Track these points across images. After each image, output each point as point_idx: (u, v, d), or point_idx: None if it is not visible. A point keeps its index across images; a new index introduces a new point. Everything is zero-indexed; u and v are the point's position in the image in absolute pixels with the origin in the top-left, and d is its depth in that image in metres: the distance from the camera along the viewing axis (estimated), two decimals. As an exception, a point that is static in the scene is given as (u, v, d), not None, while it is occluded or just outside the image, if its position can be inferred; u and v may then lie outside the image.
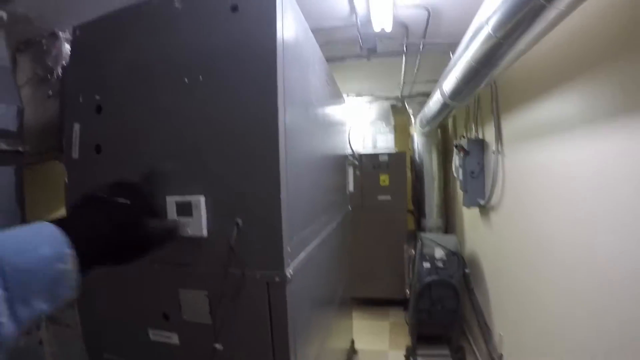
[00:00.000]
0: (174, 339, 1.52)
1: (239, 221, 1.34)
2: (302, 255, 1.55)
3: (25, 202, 2.25)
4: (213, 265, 1.39)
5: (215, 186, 1.38)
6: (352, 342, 3.21)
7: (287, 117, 1.38)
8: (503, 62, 1.97)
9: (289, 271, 1.35)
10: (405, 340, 3.48)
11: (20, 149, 2.28)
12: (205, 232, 1.37)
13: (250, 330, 1.40)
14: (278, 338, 1.38)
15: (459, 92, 2.53)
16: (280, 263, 1.34)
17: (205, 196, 1.38)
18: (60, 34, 2.97)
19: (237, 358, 1.44)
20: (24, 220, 2.18)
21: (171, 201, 1.40)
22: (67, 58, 2.77)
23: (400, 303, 4.05)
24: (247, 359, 1.44)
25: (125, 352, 1.67)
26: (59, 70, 2.72)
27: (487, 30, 1.80)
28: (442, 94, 2.78)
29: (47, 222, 0.57)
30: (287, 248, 1.36)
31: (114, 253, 0.67)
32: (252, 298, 1.37)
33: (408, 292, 3.92)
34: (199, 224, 1.37)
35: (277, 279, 1.33)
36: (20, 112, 2.35)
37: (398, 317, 3.94)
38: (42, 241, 0.54)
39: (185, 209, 1.38)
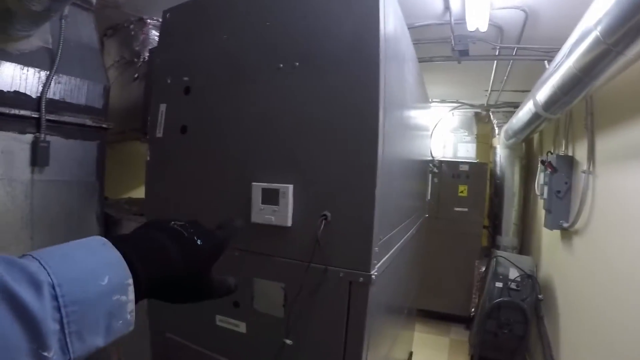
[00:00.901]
0: (242, 327, 1.51)
1: (328, 215, 1.30)
2: (386, 257, 1.48)
3: (105, 178, 2.36)
4: (294, 258, 1.35)
5: (305, 177, 1.35)
6: (411, 354, 3.11)
7: (386, 113, 1.33)
8: (608, 71, 1.81)
9: (374, 273, 1.29)
10: (464, 359, 3.33)
11: (104, 125, 2.39)
12: (290, 222, 1.34)
13: (324, 329, 1.35)
14: (352, 341, 1.33)
15: (554, 102, 2.36)
16: (367, 263, 1.28)
17: (294, 185, 1.35)
18: (148, 20, 3.12)
19: (304, 356, 1.40)
20: (102, 194, 2.28)
21: (257, 187, 1.39)
22: (154, 43, 2.90)
23: (463, 321, 3.89)
24: (315, 358, 1.39)
25: (187, 334, 1.69)
26: (146, 55, 2.84)
27: (596, 34, 1.66)
28: (535, 103, 2.62)
29: (105, 241, 0.49)
30: (375, 248, 1.31)
31: (171, 289, 0.58)
32: (332, 296, 1.32)
33: (473, 311, 3.74)
34: (285, 213, 1.34)
35: (361, 280, 1.28)
36: (107, 91, 2.47)
37: (459, 335, 3.79)
38: (104, 269, 0.46)
39: (271, 197, 1.36)
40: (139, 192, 2.68)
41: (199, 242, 0.59)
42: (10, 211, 1.60)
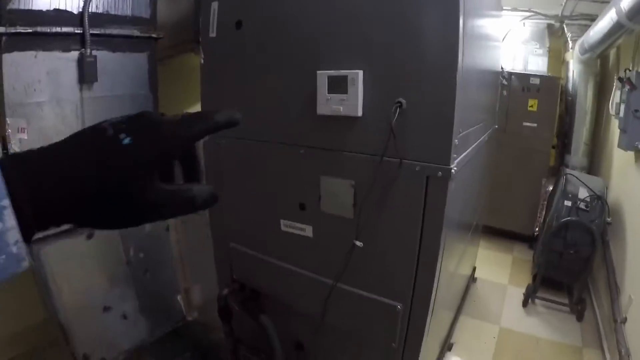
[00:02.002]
0: (308, 231, 1.45)
1: (402, 102, 1.16)
2: (464, 155, 1.35)
3: (159, 94, 2.29)
4: (365, 152, 1.25)
5: (377, 62, 1.21)
6: (474, 269, 3.07)
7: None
8: None
9: (454, 167, 1.16)
10: (526, 278, 3.26)
11: (153, 35, 2.29)
12: (360, 112, 1.22)
13: (397, 230, 1.27)
14: (428, 241, 1.24)
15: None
16: (446, 156, 1.16)
17: (363, 71, 1.21)
18: None
19: (376, 258, 1.34)
20: (156, 107, 2.22)
21: (323, 76, 1.26)
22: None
23: (526, 239, 3.78)
24: (388, 260, 1.32)
25: (251, 242, 1.67)
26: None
27: None
28: (618, 11, 2.30)
29: None
30: (455, 141, 1.17)
31: (90, 209, 0.40)
32: (406, 192, 1.22)
33: (537, 230, 3.60)
34: (354, 102, 1.22)
35: (439, 174, 1.16)
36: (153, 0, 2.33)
37: (522, 253, 3.70)
38: None
39: (338, 85, 1.23)
40: (197, 109, 2.63)
41: (125, 140, 0.40)
42: (61, 133, 1.56)
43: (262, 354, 1.83)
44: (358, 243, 1.31)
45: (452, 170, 1.16)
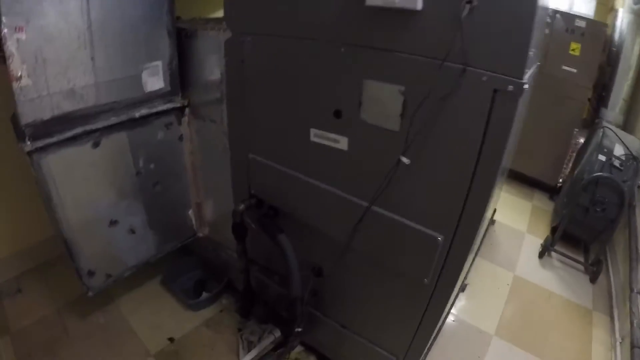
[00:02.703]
0: (342, 143, 1.31)
1: (475, -5, 0.97)
2: (530, 73, 1.18)
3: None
4: (422, 53, 1.07)
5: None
6: (494, 211, 2.98)
7: None
8: None
9: (525, 82, 0.99)
10: (544, 228, 3.19)
11: None
12: (420, 4, 1.03)
13: (451, 148, 1.12)
14: (484, 166, 1.10)
15: None
16: (519, 68, 0.98)
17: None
18: None
19: (421, 179, 1.20)
20: (172, 5, 1.98)
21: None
22: None
23: (548, 190, 3.66)
24: (435, 184, 1.19)
25: (274, 154, 1.54)
26: None
27: None
28: None
29: None
30: (530, 52, 0.99)
31: None
32: (467, 106, 1.06)
33: (561, 182, 3.47)
34: (415, -10, 1.03)
35: (510, 88, 0.99)
36: None
37: (542, 203, 3.60)
38: None
39: (398, -31, 1.04)
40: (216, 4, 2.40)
41: None
42: (64, 31, 1.37)
43: (276, 276, 1.75)
44: (405, 160, 1.16)
45: (525, 86, 0.99)
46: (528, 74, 1.06)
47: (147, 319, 2.05)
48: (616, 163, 2.63)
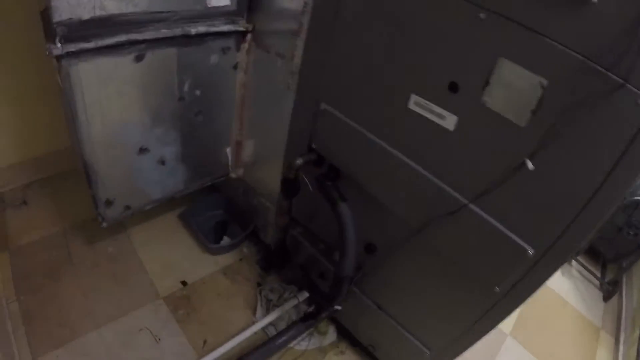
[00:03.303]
0: (449, 121, 1.09)
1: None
2: None
3: None
4: (581, 51, 0.84)
5: None
6: None
7: None
8: None
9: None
10: None
11: None
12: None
13: (581, 160, 0.92)
14: (607, 191, 0.91)
15: None
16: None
17: None
18: None
19: (536, 186, 1.01)
20: None
21: None
22: None
23: None
24: (547, 194, 1.00)
25: (353, 111, 1.31)
26: None
27: None
28: None
29: None
30: None
31: None
32: (611, 122, 0.85)
33: None
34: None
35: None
36: None
37: None
38: None
39: None
40: None
41: None
42: None
43: (322, 244, 1.58)
44: (529, 165, 0.97)
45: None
46: None
47: (159, 256, 1.89)
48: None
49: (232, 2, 1.43)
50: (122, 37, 1.26)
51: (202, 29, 1.40)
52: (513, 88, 0.97)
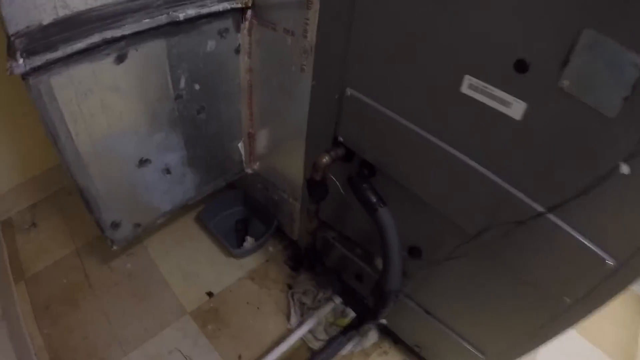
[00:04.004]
0: (515, 109, 0.85)
1: None
2: None
3: None
4: None
5: None
6: None
7: None
8: None
9: None
10: None
11: None
12: None
13: None
14: None
15: None
16: None
17: None
18: None
19: (624, 194, 0.78)
20: None
21: None
22: None
23: None
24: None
25: (387, 97, 1.07)
26: None
27: None
28: None
29: None
30: None
31: None
32: None
33: None
34: None
35: None
36: None
37: None
38: None
39: None
40: None
41: None
42: None
43: (359, 249, 1.39)
44: (624, 168, 0.73)
45: None
46: None
47: (180, 266, 1.74)
48: None
49: (224, -27, 1.17)
50: (96, 38, 1.02)
51: (191, 12, 1.15)
52: (601, 68, 0.72)
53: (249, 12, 1.26)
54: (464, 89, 0.90)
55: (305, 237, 1.53)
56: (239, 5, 1.23)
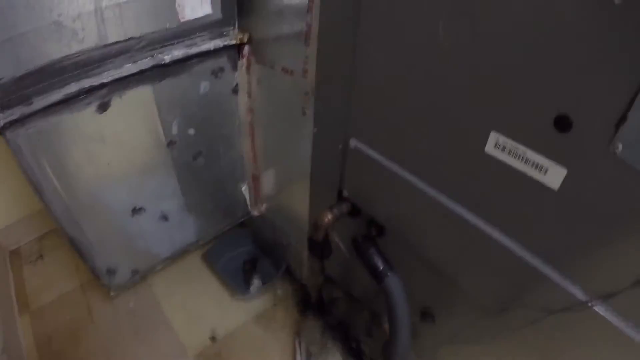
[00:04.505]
0: (553, 176, 0.65)
1: None
2: None
3: None
4: None
5: None
6: None
7: None
8: None
9: None
10: None
11: None
12: None
13: None
14: None
15: None
16: None
17: None
18: None
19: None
20: None
21: None
22: None
23: None
24: None
25: (398, 151, 0.88)
26: None
27: None
28: None
29: None
30: None
31: None
32: None
33: None
34: None
35: None
36: None
37: None
38: None
39: None
40: None
41: None
42: None
43: (366, 311, 1.20)
44: None
45: None
46: None
47: (184, 307, 1.58)
48: None
49: (215, 8, 1.01)
50: (73, 87, 0.89)
51: (179, 52, 1.00)
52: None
53: (246, 49, 1.10)
54: (489, 149, 0.70)
55: (313, 284, 1.35)
56: (234, 42, 1.06)
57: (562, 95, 0.58)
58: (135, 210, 1.18)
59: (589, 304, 0.66)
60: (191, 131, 1.16)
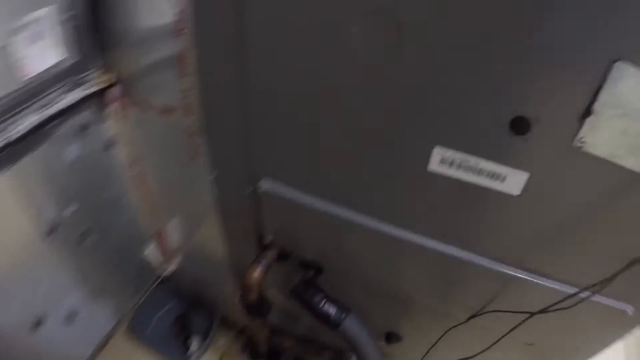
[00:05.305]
0: (512, 182, 0.55)
1: None
2: None
3: None
4: None
5: None
6: None
7: None
8: None
9: None
10: None
11: None
12: None
13: None
14: None
15: None
16: None
17: None
18: None
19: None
20: None
21: None
22: None
23: None
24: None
25: (321, 184, 0.70)
26: None
27: None
28: None
29: None
30: None
31: None
32: None
33: None
34: None
35: None
36: None
37: None
38: None
39: None
40: None
41: None
42: None
43: (327, 353, 1.01)
44: None
45: None
46: None
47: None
48: None
49: (69, 49, 0.72)
50: None
51: (31, 119, 0.69)
52: (636, 116, 0.43)
53: (117, 90, 0.82)
54: (434, 166, 0.56)
55: (259, 339, 1.11)
56: (96, 88, 0.78)
57: (520, 97, 0.47)
58: (36, 323, 0.83)
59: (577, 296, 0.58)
60: (71, 208, 0.85)
